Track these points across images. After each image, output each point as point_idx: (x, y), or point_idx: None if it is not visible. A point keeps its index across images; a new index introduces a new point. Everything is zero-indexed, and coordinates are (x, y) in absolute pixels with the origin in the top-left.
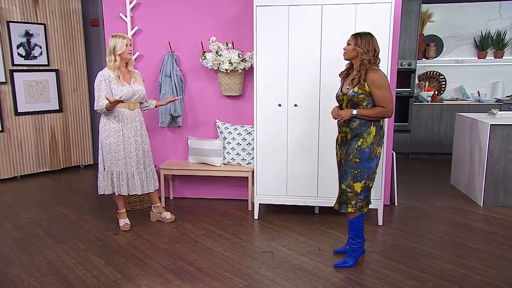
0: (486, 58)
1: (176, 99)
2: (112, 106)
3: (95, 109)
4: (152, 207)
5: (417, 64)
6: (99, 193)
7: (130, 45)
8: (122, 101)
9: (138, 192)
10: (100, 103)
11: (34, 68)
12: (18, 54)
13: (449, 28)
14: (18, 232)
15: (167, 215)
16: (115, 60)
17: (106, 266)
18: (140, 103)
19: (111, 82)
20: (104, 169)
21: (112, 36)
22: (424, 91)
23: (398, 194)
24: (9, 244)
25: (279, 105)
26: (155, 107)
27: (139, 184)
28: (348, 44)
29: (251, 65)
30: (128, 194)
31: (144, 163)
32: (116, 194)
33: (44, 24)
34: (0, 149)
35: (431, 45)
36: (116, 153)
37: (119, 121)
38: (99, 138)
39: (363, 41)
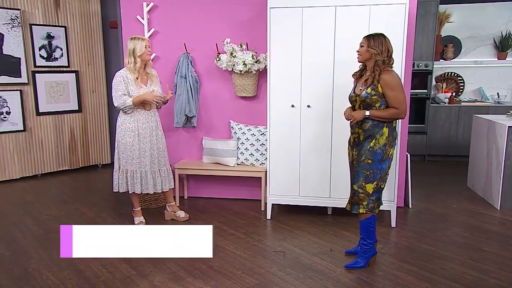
0: (506, 59)
1: (170, 97)
2: (142, 99)
3: (115, 105)
4: (167, 206)
5: (434, 65)
6: (114, 190)
7: (149, 47)
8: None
9: (150, 191)
10: (124, 98)
11: (55, 69)
12: (40, 56)
13: (467, 29)
14: (38, 228)
15: (181, 214)
16: (135, 62)
17: (121, 263)
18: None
19: (129, 83)
20: (119, 167)
21: (131, 39)
22: (442, 92)
23: (413, 196)
24: (29, 239)
25: (292, 106)
26: (164, 103)
27: (152, 183)
28: (361, 46)
29: (265, 66)
30: (141, 193)
31: (159, 162)
32: (130, 192)
33: (65, 27)
34: (22, 148)
35: (449, 46)
36: (131, 152)
37: (135, 121)
38: (116, 137)
39: (376, 42)
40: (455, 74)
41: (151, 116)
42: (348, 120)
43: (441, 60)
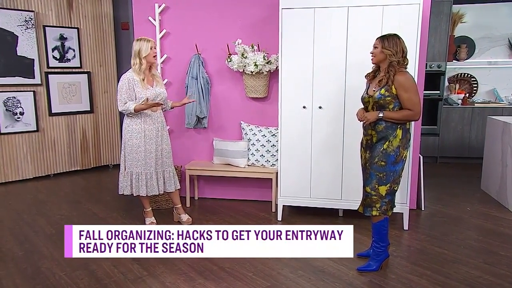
0: None
1: (190, 102)
2: (142, 109)
3: (120, 110)
4: (174, 207)
5: (447, 66)
6: (119, 193)
7: (155, 48)
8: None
9: (155, 192)
10: (127, 104)
11: (68, 70)
12: (53, 57)
13: (481, 29)
14: (50, 227)
15: (184, 217)
16: (141, 64)
17: (132, 263)
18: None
19: (135, 85)
20: (125, 169)
21: (137, 40)
22: (454, 93)
23: (426, 198)
24: (42, 239)
25: (304, 107)
26: (171, 108)
27: (157, 184)
28: (375, 47)
29: (276, 67)
30: (147, 195)
31: (164, 163)
32: (134, 195)
33: (78, 28)
34: (35, 148)
35: (463, 47)
36: (137, 154)
37: (142, 122)
38: (122, 139)
39: (390, 43)
40: (469, 75)
41: (157, 117)
42: (361, 121)
43: (454, 61)
